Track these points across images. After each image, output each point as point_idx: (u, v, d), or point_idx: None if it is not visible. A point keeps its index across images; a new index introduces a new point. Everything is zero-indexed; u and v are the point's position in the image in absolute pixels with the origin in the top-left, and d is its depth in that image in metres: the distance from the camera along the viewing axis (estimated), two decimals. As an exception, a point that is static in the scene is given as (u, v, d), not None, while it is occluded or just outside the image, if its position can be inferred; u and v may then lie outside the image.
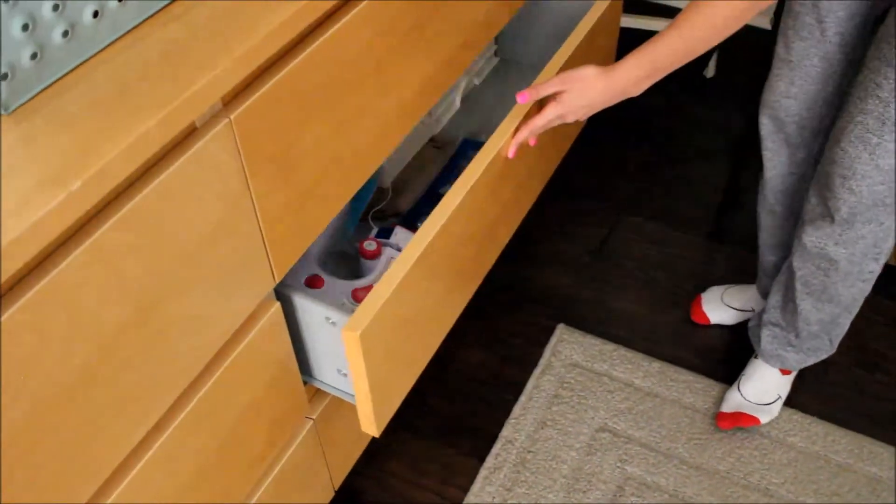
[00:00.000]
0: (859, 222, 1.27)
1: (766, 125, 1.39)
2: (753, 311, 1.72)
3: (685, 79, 2.12)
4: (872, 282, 1.37)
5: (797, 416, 1.57)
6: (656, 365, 1.65)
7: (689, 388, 1.62)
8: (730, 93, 2.28)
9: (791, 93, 1.32)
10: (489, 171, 1.12)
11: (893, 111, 1.14)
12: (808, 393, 1.61)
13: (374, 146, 1.09)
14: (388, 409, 1.10)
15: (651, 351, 1.68)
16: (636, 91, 1.07)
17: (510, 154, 1.15)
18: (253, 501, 1.12)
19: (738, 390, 1.59)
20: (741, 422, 1.55)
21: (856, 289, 1.38)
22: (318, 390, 1.21)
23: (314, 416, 1.20)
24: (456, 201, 1.07)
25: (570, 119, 1.12)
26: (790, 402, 1.59)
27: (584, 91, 1.08)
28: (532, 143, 1.18)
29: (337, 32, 0.92)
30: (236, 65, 0.78)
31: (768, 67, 1.32)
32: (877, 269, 1.35)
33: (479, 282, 1.27)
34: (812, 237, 1.33)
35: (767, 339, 1.54)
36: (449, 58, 1.19)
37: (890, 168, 1.20)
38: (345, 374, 1.12)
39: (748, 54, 2.23)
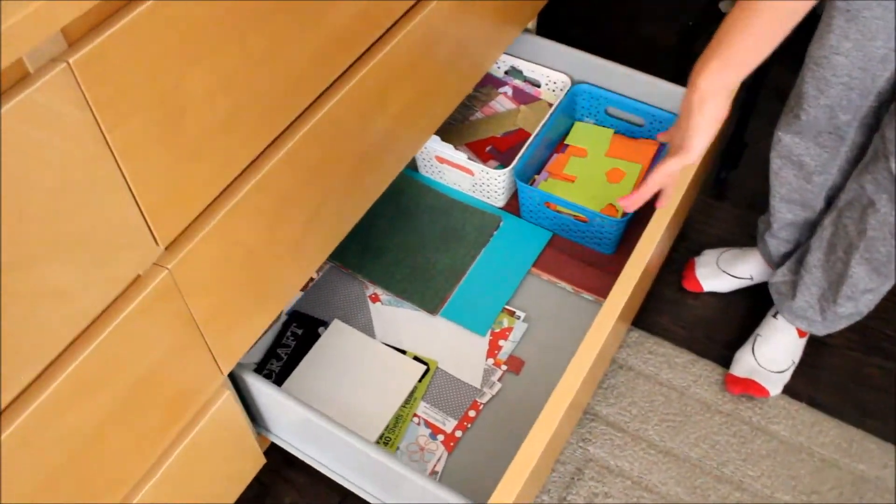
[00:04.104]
0: None
1: (808, 82, 1.20)
2: (752, 279, 1.57)
3: (696, 24, 1.91)
4: None
5: (783, 402, 1.43)
6: (634, 335, 1.51)
7: (668, 362, 1.48)
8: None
9: (843, 48, 1.12)
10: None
11: None
12: (799, 377, 1.46)
13: (286, 97, 0.93)
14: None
15: (632, 320, 1.54)
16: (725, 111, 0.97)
17: (629, 208, 1.09)
18: (165, 467, 1.02)
19: (752, 353, 1.46)
20: (751, 390, 1.43)
21: None
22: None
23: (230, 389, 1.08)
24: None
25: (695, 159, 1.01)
26: (778, 385, 1.45)
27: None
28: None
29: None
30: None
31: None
32: None
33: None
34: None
35: (803, 298, 1.37)
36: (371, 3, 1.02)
37: None
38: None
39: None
